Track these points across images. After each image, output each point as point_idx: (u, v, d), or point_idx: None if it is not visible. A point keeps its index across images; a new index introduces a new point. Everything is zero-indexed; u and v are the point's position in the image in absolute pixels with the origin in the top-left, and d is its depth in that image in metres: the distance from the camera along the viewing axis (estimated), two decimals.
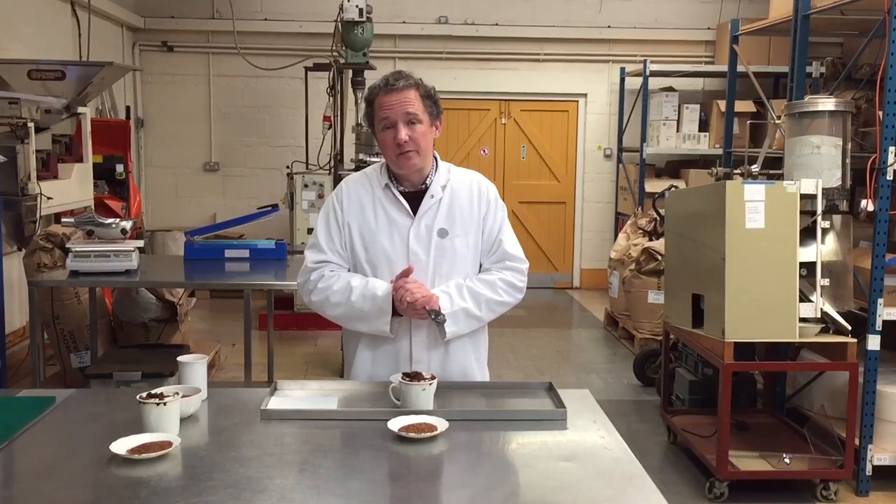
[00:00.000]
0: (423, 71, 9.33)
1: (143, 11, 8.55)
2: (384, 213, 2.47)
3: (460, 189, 2.51)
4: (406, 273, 2.38)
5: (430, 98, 2.43)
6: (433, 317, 2.37)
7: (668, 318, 4.52)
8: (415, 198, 2.48)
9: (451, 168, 2.55)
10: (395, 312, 2.41)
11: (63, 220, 4.68)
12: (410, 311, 2.37)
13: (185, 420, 2.05)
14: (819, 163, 3.91)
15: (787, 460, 3.91)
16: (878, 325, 3.90)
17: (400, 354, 2.47)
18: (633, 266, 6.54)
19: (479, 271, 2.54)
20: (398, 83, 2.37)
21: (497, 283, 2.49)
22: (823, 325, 3.84)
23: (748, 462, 3.96)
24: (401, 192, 2.48)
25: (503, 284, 2.49)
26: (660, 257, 6.15)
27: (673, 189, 5.77)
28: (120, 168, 6.57)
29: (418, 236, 2.45)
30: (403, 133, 2.36)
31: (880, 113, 3.83)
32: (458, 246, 2.47)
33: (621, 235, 7.29)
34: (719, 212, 3.77)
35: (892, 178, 3.84)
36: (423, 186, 2.48)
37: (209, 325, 7.24)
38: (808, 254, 3.78)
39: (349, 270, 2.51)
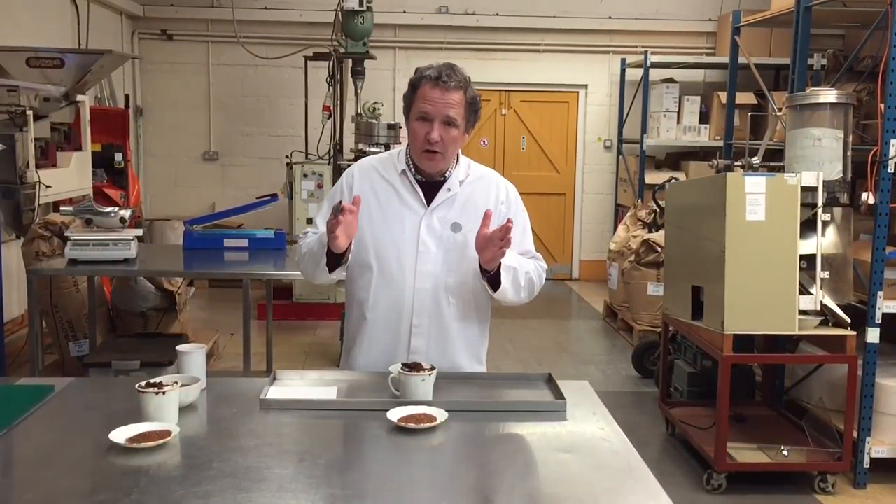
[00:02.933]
0: (423, 61, 9.24)
1: None
2: (397, 198, 2.43)
3: (478, 186, 2.48)
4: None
5: (473, 105, 2.38)
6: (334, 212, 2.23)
7: (667, 310, 4.52)
8: (431, 188, 2.44)
9: (471, 164, 2.53)
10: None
11: (62, 208, 4.67)
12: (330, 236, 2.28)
13: (183, 409, 2.05)
14: (820, 155, 3.90)
15: (785, 452, 3.92)
16: (878, 318, 3.90)
17: (399, 344, 2.44)
18: (632, 258, 6.54)
19: None
20: (449, 81, 2.30)
21: (534, 269, 2.50)
22: (823, 318, 3.83)
23: (746, 454, 3.97)
24: (417, 181, 2.44)
25: (539, 271, 2.52)
26: (659, 249, 6.15)
27: (673, 181, 5.76)
28: (119, 157, 6.55)
29: (430, 227, 2.42)
30: (437, 132, 2.32)
31: (882, 105, 3.83)
32: (471, 242, 2.40)
33: (621, 227, 7.28)
34: (719, 204, 3.76)
35: (892, 170, 3.83)
36: (441, 178, 2.45)
37: (208, 315, 7.24)
38: (808, 246, 3.78)
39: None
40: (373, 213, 2.43)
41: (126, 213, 4.33)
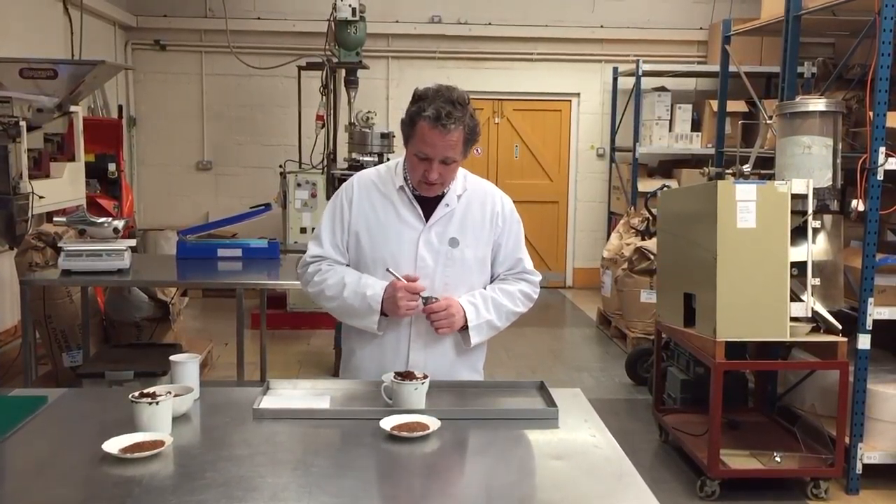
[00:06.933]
0: (416, 70, 9.27)
1: (135, 10, 8.53)
2: (395, 214, 2.45)
3: (475, 200, 2.50)
4: (409, 280, 2.37)
5: (472, 136, 2.36)
6: (424, 302, 2.37)
7: (660, 317, 4.54)
8: (429, 203, 2.45)
9: (467, 175, 2.53)
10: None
11: (55, 218, 4.67)
12: (400, 314, 2.39)
13: (177, 419, 2.05)
14: (810, 163, 3.92)
15: (777, 459, 3.93)
16: (869, 324, 3.92)
17: (397, 357, 2.46)
18: (625, 265, 6.56)
19: (492, 280, 2.55)
20: (449, 124, 2.27)
21: (517, 295, 2.52)
22: (814, 325, 3.85)
23: (739, 460, 3.98)
24: (415, 196, 2.45)
25: (521, 296, 2.54)
26: (652, 256, 6.17)
27: (665, 188, 5.79)
28: (112, 167, 6.55)
29: (428, 243, 2.44)
30: (435, 173, 2.34)
31: (870, 113, 3.85)
32: (468, 257, 2.46)
33: (614, 235, 7.30)
34: (711, 211, 3.78)
35: (882, 177, 3.86)
36: (439, 193, 2.46)
37: (201, 325, 7.23)
38: (799, 253, 3.80)
39: (348, 265, 2.51)
40: (371, 229, 2.46)
41: (119, 224, 4.33)
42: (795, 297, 3.79)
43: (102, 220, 4.35)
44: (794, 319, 3.78)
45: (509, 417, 2.18)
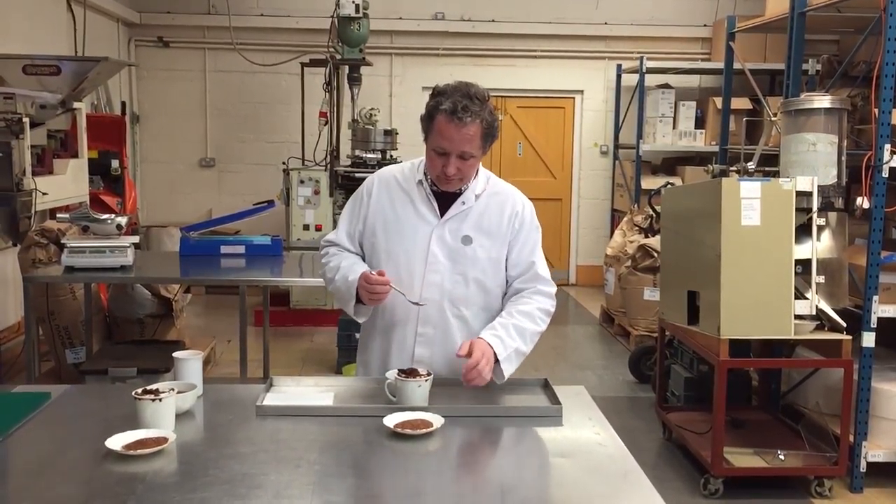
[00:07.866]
0: (420, 67, 9.25)
1: (138, 7, 8.53)
2: (412, 207, 2.45)
3: (494, 201, 2.48)
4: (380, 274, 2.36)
5: (490, 131, 2.35)
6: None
7: (663, 315, 4.53)
8: (446, 199, 2.46)
9: (490, 177, 2.53)
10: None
11: (58, 215, 4.66)
12: (366, 302, 2.41)
13: (180, 416, 2.05)
14: (815, 160, 3.92)
15: (781, 457, 3.92)
16: (873, 322, 3.91)
17: (403, 353, 2.46)
18: (628, 263, 6.55)
19: (507, 287, 2.52)
20: (465, 117, 2.27)
21: (536, 314, 2.47)
22: (818, 322, 3.84)
23: (743, 458, 3.97)
24: (433, 192, 2.46)
25: (541, 314, 2.49)
26: (655, 254, 6.16)
27: (669, 186, 5.78)
28: (115, 164, 6.55)
29: (441, 238, 2.43)
30: (453, 168, 2.33)
31: (875, 110, 3.84)
32: (480, 256, 2.44)
33: (617, 232, 7.30)
34: (715, 209, 3.77)
35: (887, 175, 3.85)
36: (458, 190, 2.45)
37: (204, 322, 7.23)
38: (803, 251, 3.79)
39: (362, 257, 2.53)
40: (388, 222, 2.47)
41: (122, 220, 4.33)
42: (800, 295, 3.78)
43: (105, 216, 4.35)
44: (798, 317, 3.77)
45: (513, 415, 2.18)
